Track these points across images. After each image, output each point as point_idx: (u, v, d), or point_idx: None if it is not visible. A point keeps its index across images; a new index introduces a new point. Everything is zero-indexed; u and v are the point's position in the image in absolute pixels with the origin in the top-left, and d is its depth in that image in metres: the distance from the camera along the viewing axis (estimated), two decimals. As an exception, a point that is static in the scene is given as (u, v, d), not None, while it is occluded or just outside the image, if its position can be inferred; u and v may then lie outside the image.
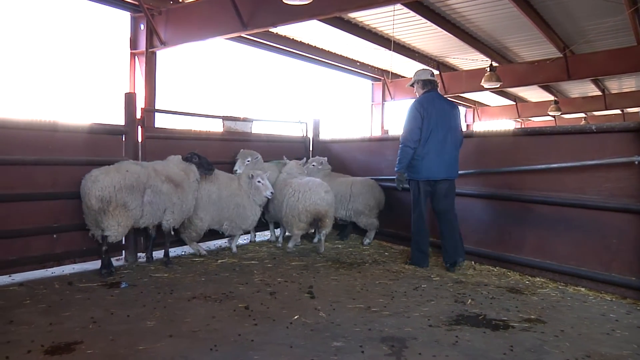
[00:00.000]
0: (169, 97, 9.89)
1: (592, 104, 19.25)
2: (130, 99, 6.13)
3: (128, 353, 3.34)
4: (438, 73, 14.33)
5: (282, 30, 11.21)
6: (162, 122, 8.33)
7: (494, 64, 12.57)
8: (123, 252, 6.07)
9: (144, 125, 6.26)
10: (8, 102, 7.75)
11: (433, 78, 6.04)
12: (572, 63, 12.33)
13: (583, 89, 18.66)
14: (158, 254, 6.06)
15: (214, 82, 11.36)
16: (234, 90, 11.80)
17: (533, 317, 4.23)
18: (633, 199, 4.90)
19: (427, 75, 6.04)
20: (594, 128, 5.21)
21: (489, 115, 22.24)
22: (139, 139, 6.17)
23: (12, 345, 3.42)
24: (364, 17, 10.55)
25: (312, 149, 8.68)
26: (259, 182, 6.31)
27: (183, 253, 6.53)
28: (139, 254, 6.15)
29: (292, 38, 11.83)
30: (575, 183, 5.34)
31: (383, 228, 7.38)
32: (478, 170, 6.27)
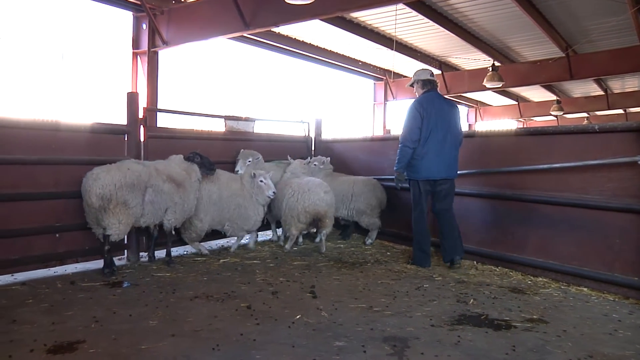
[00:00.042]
0: (171, 96, 9.91)
1: (594, 104, 19.22)
2: (133, 99, 6.14)
3: (130, 352, 3.35)
4: (440, 73, 14.36)
5: (284, 30, 11.22)
6: (164, 121, 8.36)
7: (496, 64, 12.55)
8: (125, 251, 6.08)
9: (146, 125, 6.26)
10: (11, 101, 7.77)
11: (433, 78, 6.05)
12: (574, 63, 12.32)
13: (585, 89, 18.63)
14: (160, 254, 6.07)
15: (216, 81, 11.37)
16: (236, 90, 11.81)
17: (535, 317, 4.22)
18: (636, 199, 4.89)
19: (426, 75, 6.04)
20: (597, 128, 5.20)
21: (491, 115, 22.23)
22: (141, 139, 6.17)
23: (14, 345, 3.43)
24: (366, 16, 10.55)
25: (314, 149, 8.68)
26: (262, 181, 6.27)
27: (185, 252, 6.54)
28: (141, 254, 6.16)
29: (294, 38, 11.84)
30: (578, 183, 5.32)
31: (385, 228, 7.38)
32: (480, 170, 6.26)
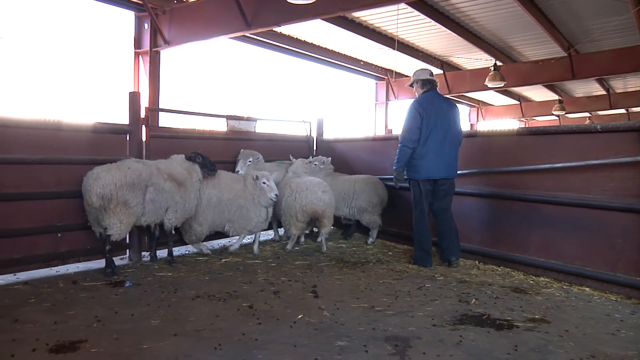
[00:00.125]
0: (173, 96, 9.93)
1: (596, 104, 19.18)
2: (135, 98, 6.14)
3: (132, 352, 3.35)
4: (442, 72, 14.35)
5: (286, 30, 11.21)
6: (166, 121, 8.36)
7: (498, 64, 12.53)
8: (127, 251, 6.09)
9: (148, 125, 6.26)
10: (13, 101, 7.78)
11: (432, 78, 6.05)
12: (576, 62, 12.29)
13: (587, 89, 18.60)
14: (162, 253, 6.07)
15: (218, 81, 11.39)
16: (238, 90, 11.83)
17: (537, 317, 4.22)
18: (638, 199, 4.88)
19: (426, 75, 6.05)
20: (599, 127, 5.19)
21: (493, 115, 22.21)
22: (143, 138, 6.19)
23: (17, 344, 3.44)
24: (368, 16, 10.54)
25: (315, 148, 8.68)
26: (264, 183, 6.19)
27: (187, 252, 6.55)
28: (143, 253, 6.17)
29: (296, 37, 11.83)
30: (580, 183, 5.31)
31: (387, 227, 7.38)
32: (482, 170, 6.25)
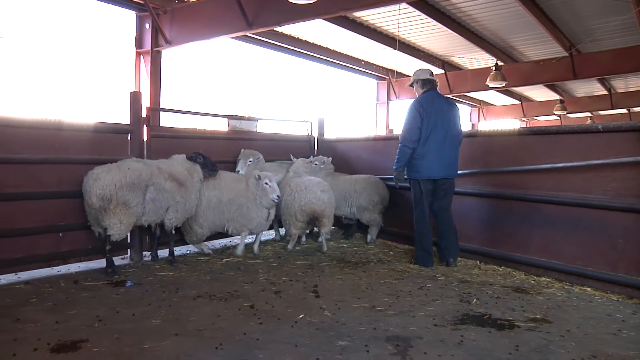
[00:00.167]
0: (174, 96, 9.92)
1: (598, 103, 19.15)
2: (136, 98, 6.14)
3: (133, 351, 3.35)
4: (443, 72, 14.34)
5: (287, 30, 11.21)
6: (167, 121, 8.35)
7: (500, 63, 12.52)
8: (128, 250, 6.10)
9: (150, 124, 6.27)
10: (14, 100, 7.78)
11: (432, 77, 6.05)
12: (578, 62, 12.28)
13: (589, 88, 18.58)
14: (163, 253, 6.08)
15: (219, 81, 11.38)
16: (239, 89, 11.82)
17: (539, 316, 4.21)
18: (639, 199, 4.87)
19: (426, 75, 6.05)
20: (600, 127, 5.18)
21: (494, 115, 22.19)
22: (145, 138, 6.19)
23: (18, 343, 3.44)
24: (369, 16, 10.53)
25: (317, 148, 8.68)
26: (266, 184, 6.11)
27: (188, 252, 6.55)
28: (144, 253, 6.17)
29: (297, 37, 11.83)
30: (581, 183, 5.31)
31: (388, 227, 7.37)
32: (483, 170, 6.24)
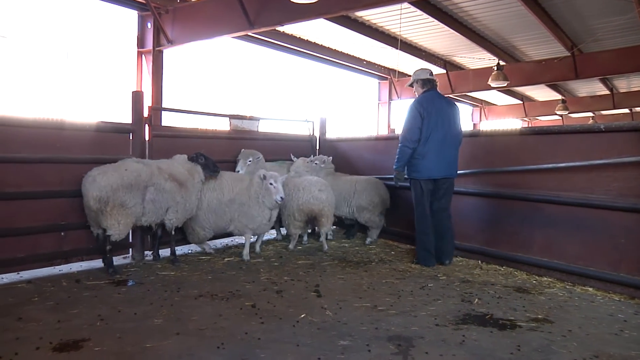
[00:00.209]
0: (176, 95, 9.93)
1: (600, 103, 19.14)
2: (138, 98, 6.14)
3: (135, 351, 3.36)
4: (445, 72, 14.33)
5: (288, 29, 11.22)
6: (169, 120, 8.37)
7: (501, 63, 12.52)
8: (130, 250, 6.10)
9: (151, 124, 6.27)
10: (15, 100, 7.79)
11: (432, 77, 6.05)
12: (580, 62, 12.26)
13: (591, 88, 18.56)
14: (165, 252, 6.08)
15: (221, 80, 11.38)
16: (241, 89, 11.82)
17: (540, 316, 4.21)
18: (642, 199, 4.87)
19: (426, 75, 6.05)
20: (602, 127, 5.17)
21: (496, 115, 22.19)
22: (146, 137, 6.19)
23: (20, 342, 3.45)
24: (371, 15, 10.54)
25: (318, 148, 8.68)
26: (271, 184, 5.97)
27: (190, 251, 6.55)
28: (146, 252, 6.17)
29: (298, 37, 11.84)
30: (583, 182, 5.30)
31: (389, 227, 7.37)
32: (485, 170, 6.24)
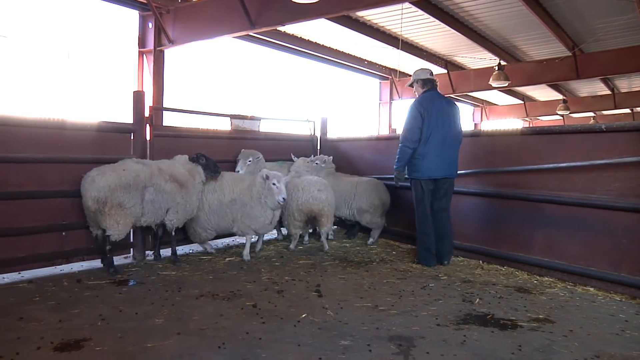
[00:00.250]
0: (177, 95, 9.93)
1: (601, 103, 19.14)
2: (139, 97, 6.15)
3: (136, 350, 3.36)
4: (446, 72, 14.32)
5: (290, 29, 11.22)
6: (170, 120, 8.38)
7: (502, 63, 12.52)
8: (131, 249, 6.11)
9: (152, 124, 6.29)
10: (17, 100, 7.80)
11: (432, 77, 6.05)
12: (581, 62, 12.26)
13: (592, 88, 18.55)
14: (166, 252, 6.08)
15: (222, 80, 11.39)
16: (242, 89, 11.83)
17: (541, 316, 4.21)
18: (643, 199, 4.86)
19: (426, 75, 6.05)
20: (604, 127, 5.16)
21: (497, 114, 22.17)
22: (147, 137, 6.20)
23: (22, 342, 3.45)
24: (372, 15, 10.53)
25: (319, 148, 8.68)
26: (274, 184, 5.92)
27: (191, 251, 6.55)
28: (147, 252, 6.17)
29: (300, 37, 11.84)
30: (585, 182, 5.29)
31: (390, 227, 7.36)
32: (486, 170, 6.23)
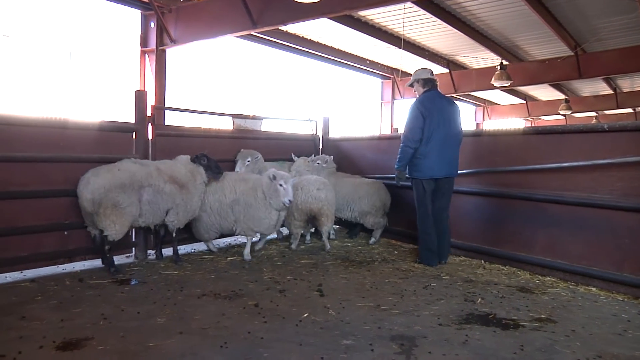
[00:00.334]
0: (179, 94, 9.94)
1: (603, 103, 19.10)
2: (141, 97, 6.15)
3: (138, 349, 3.36)
4: (448, 71, 14.31)
5: (291, 28, 11.22)
6: (172, 119, 8.38)
7: (505, 63, 12.49)
8: (133, 249, 6.11)
9: (154, 123, 6.28)
10: (19, 99, 7.81)
11: (433, 77, 6.05)
12: (583, 61, 12.24)
13: (594, 88, 18.51)
14: (168, 251, 6.09)
15: (224, 79, 11.39)
16: (244, 88, 11.83)
17: (544, 316, 4.20)
18: (646, 199, 4.85)
19: (426, 74, 6.05)
20: (606, 127, 5.15)
21: (499, 114, 22.14)
22: (149, 137, 6.20)
23: (24, 341, 3.46)
24: (374, 15, 10.53)
25: (321, 147, 8.68)
26: (281, 185, 5.83)
27: (192, 250, 6.56)
28: (149, 251, 6.18)
29: (301, 36, 11.84)
30: (587, 182, 5.28)
31: (392, 226, 7.36)
32: (488, 169, 6.23)
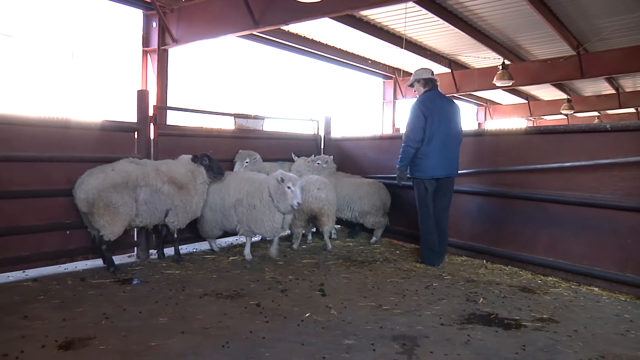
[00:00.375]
0: (181, 94, 9.95)
1: (605, 103, 19.06)
2: (143, 97, 6.15)
3: (140, 349, 3.37)
4: (450, 71, 14.30)
5: (293, 28, 11.22)
6: (174, 119, 8.38)
7: (506, 62, 12.48)
8: (135, 248, 6.12)
9: (156, 123, 6.29)
10: (21, 99, 7.82)
11: (433, 77, 6.05)
12: (585, 61, 12.21)
13: (596, 88, 18.49)
14: (170, 251, 6.09)
15: (226, 79, 11.40)
16: (246, 88, 11.83)
17: (546, 316, 4.20)
18: (648, 199, 4.84)
19: (427, 74, 6.07)
20: (608, 127, 5.14)
21: (501, 114, 22.12)
22: (151, 136, 6.20)
23: (26, 340, 3.46)
24: (376, 14, 10.52)
25: (323, 147, 8.68)
26: (289, 188, 5.68)
27: (194, 250, 6.57)
28: (151, 251, 6.18)
29: (303, 36, 11.83)
30: (589, 182, 5.27)
31: (394, 226, 7.36)
32: (490, 169, 6.22)
